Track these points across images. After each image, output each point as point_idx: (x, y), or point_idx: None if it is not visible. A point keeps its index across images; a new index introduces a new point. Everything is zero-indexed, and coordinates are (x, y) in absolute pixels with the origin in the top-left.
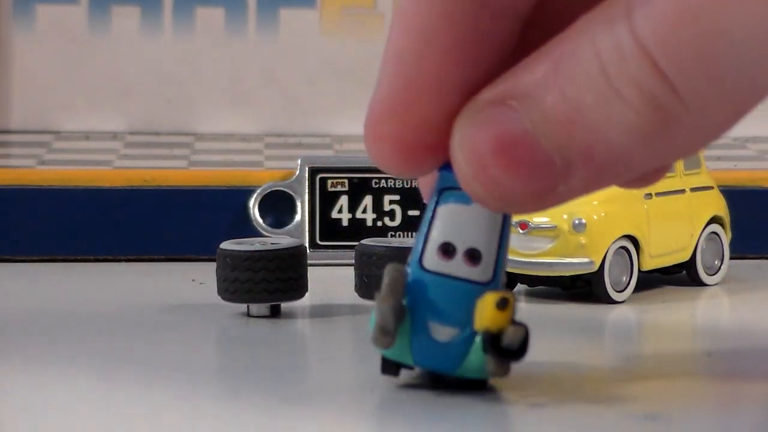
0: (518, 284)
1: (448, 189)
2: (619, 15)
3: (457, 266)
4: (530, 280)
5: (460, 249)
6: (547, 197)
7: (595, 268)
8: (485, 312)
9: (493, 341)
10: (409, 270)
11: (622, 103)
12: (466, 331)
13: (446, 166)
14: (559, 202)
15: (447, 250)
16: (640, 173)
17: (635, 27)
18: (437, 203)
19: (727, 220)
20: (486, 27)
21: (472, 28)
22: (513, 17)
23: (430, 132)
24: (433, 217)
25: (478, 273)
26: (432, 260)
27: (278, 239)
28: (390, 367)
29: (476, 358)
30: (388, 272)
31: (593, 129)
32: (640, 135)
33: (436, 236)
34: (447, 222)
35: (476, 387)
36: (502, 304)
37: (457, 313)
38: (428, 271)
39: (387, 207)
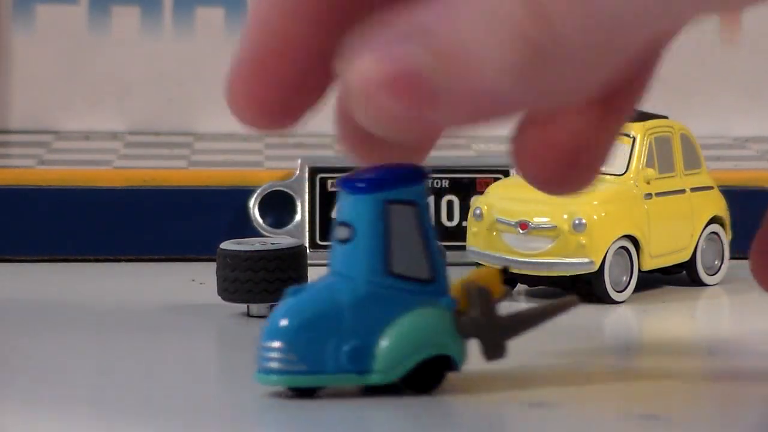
0: (518, 284)
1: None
2: None
3: None
4: (530, 280)
5: None
6: (427, 126)
7: (595, 268)
8: (491, 280)
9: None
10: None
11: (501, 36)
12: None
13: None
14: (436, 132)
15: None
16: (519, 112)
17: None
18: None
19: (727, 220)
20: None
21: None
22: None
23: (286, 89)
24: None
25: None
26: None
27: (278, 239)
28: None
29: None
30: (482, 293)
31: (474, 64)
32: (513, 70)
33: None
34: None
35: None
36: (507, 277)
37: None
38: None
39: None
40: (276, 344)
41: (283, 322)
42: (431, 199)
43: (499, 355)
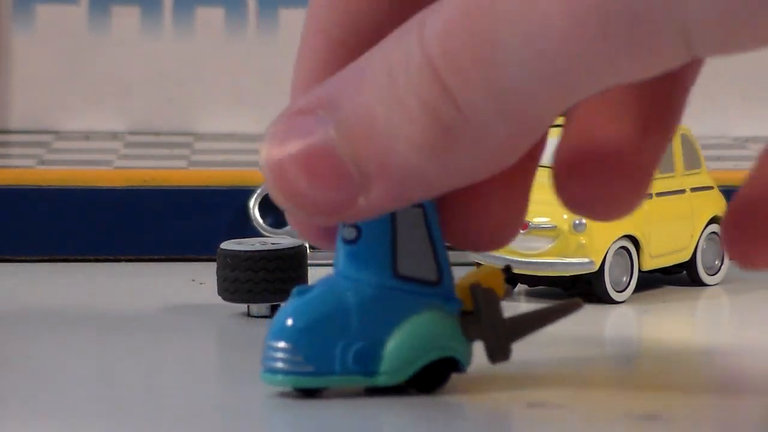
0: (518, 284)
1: None
2: (415, 24)
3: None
4: (530, 280)
5: None
6: (348, 209)
7: (596, 268)
8: (493, 278)
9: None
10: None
11: (408, 116)
12: None
13: None
14: (362, 215)
15: None
16: (441, 191)
17: (424, 35)
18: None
19: None
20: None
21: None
22: None
23: None
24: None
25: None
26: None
27: (278, 239)
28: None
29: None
30: (489, 295)
31: (384, 143)
32: (425, 149)
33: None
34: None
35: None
36: (508, 274)
37: None
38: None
39: None
40: (282, 344)
41: (290, 323)
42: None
43: (503, 357)
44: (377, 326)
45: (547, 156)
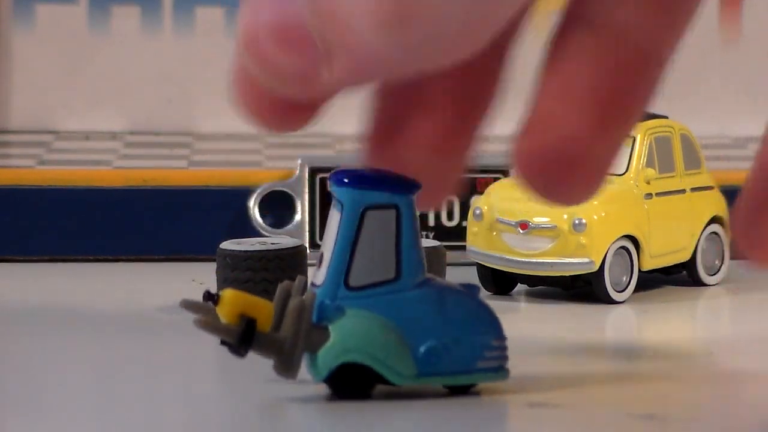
0: (518, 284)
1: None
2: None
3: None
4: (530, 280)
5: None
6: (313, 81)
7: (595, 268)
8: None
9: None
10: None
11: None
12: None
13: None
14: (326, 90)
15: None
16: (400, 73)
17: None
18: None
19: (727, 220)
20: None
21: None
22: None
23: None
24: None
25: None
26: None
27: (278, 239)
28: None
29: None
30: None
31: (344, 18)
32: (380, 25)
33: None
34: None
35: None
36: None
37: None
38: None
39: None
40: None
41: None
42: None
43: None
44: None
45: None
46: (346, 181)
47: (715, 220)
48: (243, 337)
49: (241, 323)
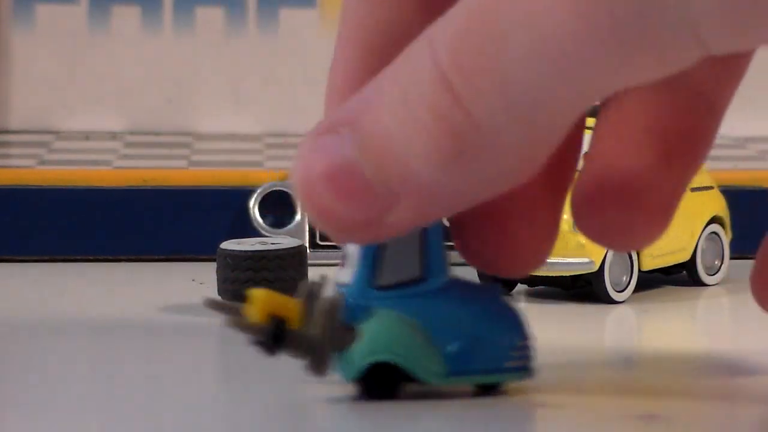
0: (518, 284)
1: None
2: (426, 35)
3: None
4: (530, 280)
5: None
6: (377, 227)
7: (595, 268)
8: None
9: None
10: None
11: (422, 129)
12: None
13: None
14: (390, 233)
15: None
16: (463, 205)
17: (434, 47)
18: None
19: (727, 220)
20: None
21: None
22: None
23: None
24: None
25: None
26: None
27: (278, 239)
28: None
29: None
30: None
31: (402, 159)
32: (439, 161)
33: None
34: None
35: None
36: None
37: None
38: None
39: None
40: None
41: None
42: None
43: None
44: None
45: None
46: None
47: (715, 220)
48: (275, 337)
49: (272, 322)
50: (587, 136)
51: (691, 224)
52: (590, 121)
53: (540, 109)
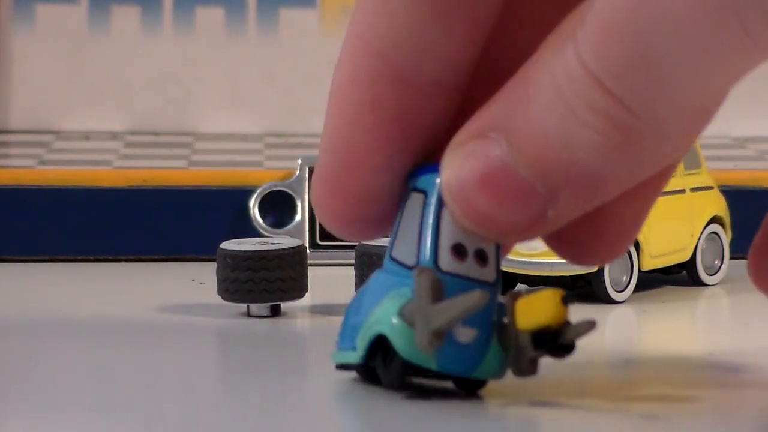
0: (518, 284)
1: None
2: (568, 37)
3: (470, 267)
4: (530, 280)
5: (470, 250)
6: (539, 224)
7: (595, 267)
8: (549, 309)
9: (552, 337)
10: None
11: (583, 125)
12: (486, 331)
13: (433, 167)
14: (552, 227)
15: (460, 251)
16: (621, 189)
17: (579, 48)
18: (440, 205)
19: (727, 220)
20: (414, 104)
21: (398, 107)
22: (446, 87)
23: (367, 206)
24: (439, 218)
25: (487, 273)
26: (446, 261)
27: (278, 239)
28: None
29: (494, 359)
30: (426, 277)
31: (564, 153)
32: (608, 153)
33: (448, 238)
34: (451, 224)
35: (476, 387)
36: (566, 300)
37: (478, 315)
38: (445, 273)
39: None
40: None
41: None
42: None
43: (533, 372)
44: (368, 305)
45: None
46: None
47: (715, 220)
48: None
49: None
50: None
51: (691, 224)
52: None
53: (690, 95)
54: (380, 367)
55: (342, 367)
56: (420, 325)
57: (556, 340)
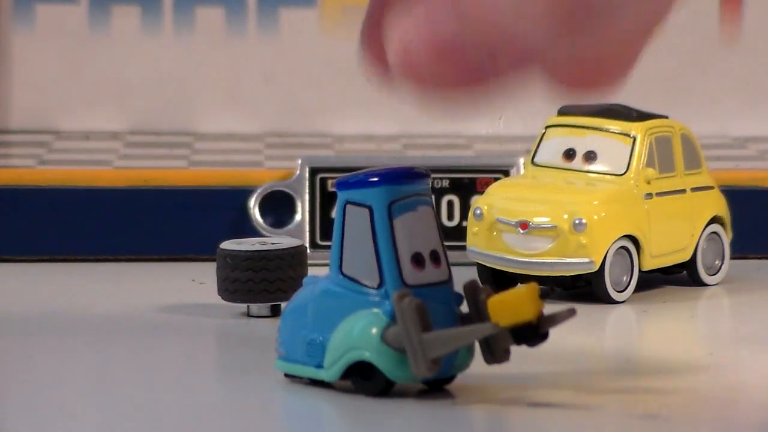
0: (518, 284)
1: (394, 202)
2: None
3: (429, 273)
4: (530, 281)
5: (426, 255)
6: (476, 79)
7: (596, 268)
8: (529, 306)
9: (531, 330)
10: (389, 293)
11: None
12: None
13: (364, 183)
14: (489, 83)
15: (418, 260)
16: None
17: None
18: (390, 218)
19: (727, 220)
20: None
21: None
22: None
23: None
24: (392, 233)
25: (441, 273)
26: (410, 275)
27: (278, 239)
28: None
29: (465, 353)
30: (409, 305)
31: (512, 25)
32: (550, 20)
33: (406, 250)
34: (405, 233)
35: (444, 383)
36: (543, 295)
37: (447, 318)
38: (411, 287)
39: None
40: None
41: (282, 307)
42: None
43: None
44: (327, 321)
45: (547, 156)
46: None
47: (715, 220)
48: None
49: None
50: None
51: (691, 224)
52: (592, 121)
53: None
54: (358, 382)
55: (292, 377)
56: (416, 354)
57: (535, 331)
